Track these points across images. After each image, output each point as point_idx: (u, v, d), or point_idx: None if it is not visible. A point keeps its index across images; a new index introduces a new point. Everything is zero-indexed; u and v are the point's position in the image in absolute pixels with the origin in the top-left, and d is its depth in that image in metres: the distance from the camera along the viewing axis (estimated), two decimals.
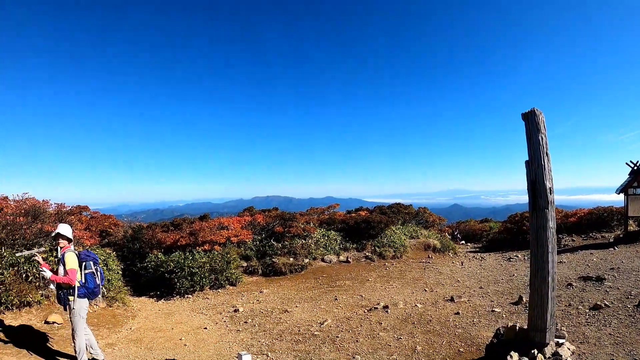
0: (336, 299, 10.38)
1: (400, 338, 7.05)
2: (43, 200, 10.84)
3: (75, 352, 5.78)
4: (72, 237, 5.96)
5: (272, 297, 11.04)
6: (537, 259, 5.02)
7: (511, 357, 4.93)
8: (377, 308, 9.12)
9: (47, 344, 6.93)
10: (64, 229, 5.87)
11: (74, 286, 5.55)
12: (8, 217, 9.16)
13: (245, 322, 8.78)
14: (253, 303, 10.45)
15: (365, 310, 9.05)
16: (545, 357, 4.91)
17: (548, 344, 4.99)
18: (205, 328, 8.51)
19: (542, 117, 5.01)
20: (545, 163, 4.95)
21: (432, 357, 6.12)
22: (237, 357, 5.13)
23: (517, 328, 5.48)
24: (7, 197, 10.56)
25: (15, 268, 8.08)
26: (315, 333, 7.68)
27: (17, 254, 8.25)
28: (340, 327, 7.94)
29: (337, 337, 7.36)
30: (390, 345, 6.71)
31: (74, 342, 5.74)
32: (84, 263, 5.72)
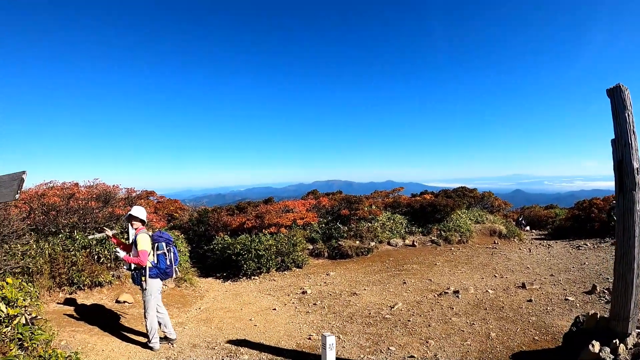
0: (405, 282, 10.03)
1: (474, 324, 6.72)
2: (113, 185, 11.06)
3: (147, 330, 5.83)
4: (145, 219, 5.95)
5: (339, 279, 10.77)
6: (622, 244, 4.55)
7: (593, 346, 4.48)
8: (447, 293, 8.75)
9: (118, 322, 6.98)
10: (137, 210, 5.88)
11: (146, 266, 5.59)
12: (80, 201, 9.36)
13: (314, 304, 8.52)
14: (320, 285, 10.21)
15: (435, 295, 8.71)
16: (627, 348, 4.46)
17: (630, 334, 4.53)
18: (274, 309, 8.28)
19: (627, 93, 4.58)
20: (633, 142, 4.48)
21: (506, 345, 5.83)
22: (321, 338, 4.88)
23: (598, 317, 4.98)
24: (77, 183, 10.86)
25: (88, 250, 8.24)
26: (386, 316, 7.39)
27: (89, 237, 8.44)
28: (412, 311, 7.63)
29: (408, 321, 7.06)
30: (463, 331, 6.42)
31: (145, 321, 5.81)
32: (156, 244, 5.74)
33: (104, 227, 6.71)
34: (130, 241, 5.89)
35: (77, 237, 8.39)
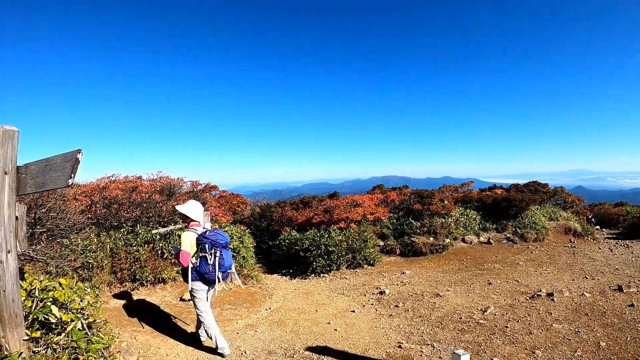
0: (490, 283, 8.99)
1: (579, 331, 5.95)
2: (178, 178, 10.60)
3: (209, 336, 5.23)
4: (193, 216, 5.25)
5: (416, 279, 9.78)
6: None
7: None
8: (540, 295, 7.73)
9: (183, 323, 6.36)
10: (185, 207, 5.29)
11: (188, 267, 5.05)
12: (142, 194, 8.93)
13: (396, 306, 7.56)
14: (398, 285, 9.24)
15: (527, 298, 7.74)
16: None
17: None
18: (353, 311, 7.34)
19: None
20: None
21: (620, 356, 5.15)
22: (452, 355, 4.00)
23: None
24: (140, 176, 10.50)
25: (151, 245, 7.76)
26: (480, 321, 6.47)
27: (152, 231, 7.94)
28: (506, 316, 6.74)
29: (506, 327, 6.22)
30: (569, 340, 5.68)
31: (203, 325, 5.23)
32: (200, 245, 5.02)
33: (168, 224, 6.24)
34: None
35: (140, 231, 7.93)
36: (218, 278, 5.01)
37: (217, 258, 4.98)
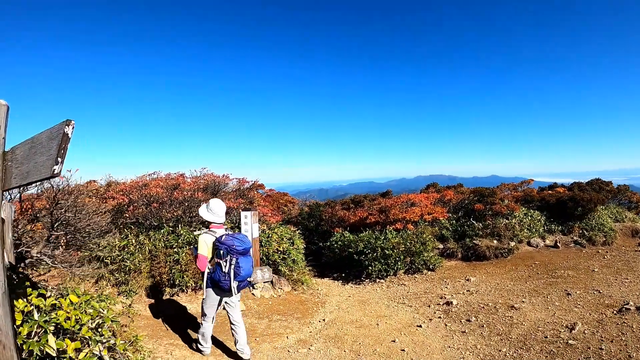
0: (569, 294, 7.74)
1: None
2: (223, 175, 9.96)
3: (200, 329, 4.89)
4: (207, 217, 4.79)
5: (483, 287, 8.66)
6: None
7: None
8: (628, 309, 6.49)
9: (223, 336, 5.63)
10: (203, 208, 4.87)
11: (204, 272, 4.63)
12: (185, 192, 8.34)
13: (468, 321, 6.52)
14: (464, 294, 8.17)
15: (615, 312, 6.52)
16: None
17: None
18: (420, 326, 6.36)
19: None
20: None
21: None
22: None
23: None
24: (183, 173, 9.93)
25: (193, 246, 7.11)
26: (570, 342, 5.44)
27: (195, 232, 7.31)
28: (597, 335, 5.64)
29: (600, 349, 5.17)
30: None
31: (200, 324, 4.89)
32: (215, 250, 4.56)
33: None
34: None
35: (182, 232, 7.31)
36: (233, 288, 4.43)
37: (232, 266, 4.42)
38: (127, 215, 7.12)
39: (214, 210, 4.75)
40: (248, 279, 4.67)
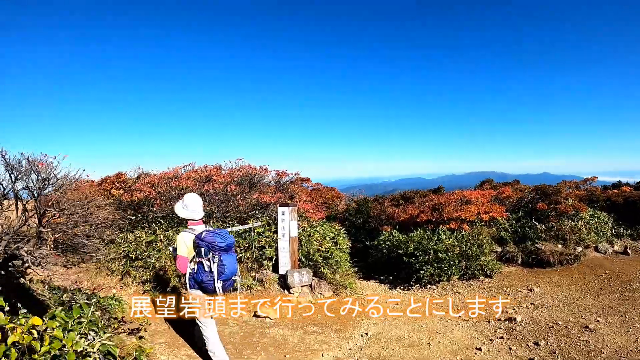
0: None
1: None
2: (260, 167, 9.30)
3: (205, 338, 4.40)
4: (182, 214, 4.38)
5: (549, 300, 7.54)
6: None
7: None
8: None
9: (256, 349, 4.98)
10: (178, 205, 4.43)
11: (186, 274, 4.32)
12: (217, 185, 7.77)
13: (536, 344, 5.49)
14: (528, 308, 7.11)
15: None
16: None
17: None
18: (479, 349, 5.39)
19: None
20: None
21: None
22: None
23: None
24: (220, 165, 9.36)
25: None
26: None
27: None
28: None
29: None
30: None
31: (202, 332, 4.44)
32: (197, 249, 4.18)
33: (248, 220, 4.99)
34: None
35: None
36: (218, 289, 4.12)
37: (215, 264, 4.10)
38: (156, 209, 6.62)
39: (189, 206, 4.33)
40: (233, 278, 4.31)
